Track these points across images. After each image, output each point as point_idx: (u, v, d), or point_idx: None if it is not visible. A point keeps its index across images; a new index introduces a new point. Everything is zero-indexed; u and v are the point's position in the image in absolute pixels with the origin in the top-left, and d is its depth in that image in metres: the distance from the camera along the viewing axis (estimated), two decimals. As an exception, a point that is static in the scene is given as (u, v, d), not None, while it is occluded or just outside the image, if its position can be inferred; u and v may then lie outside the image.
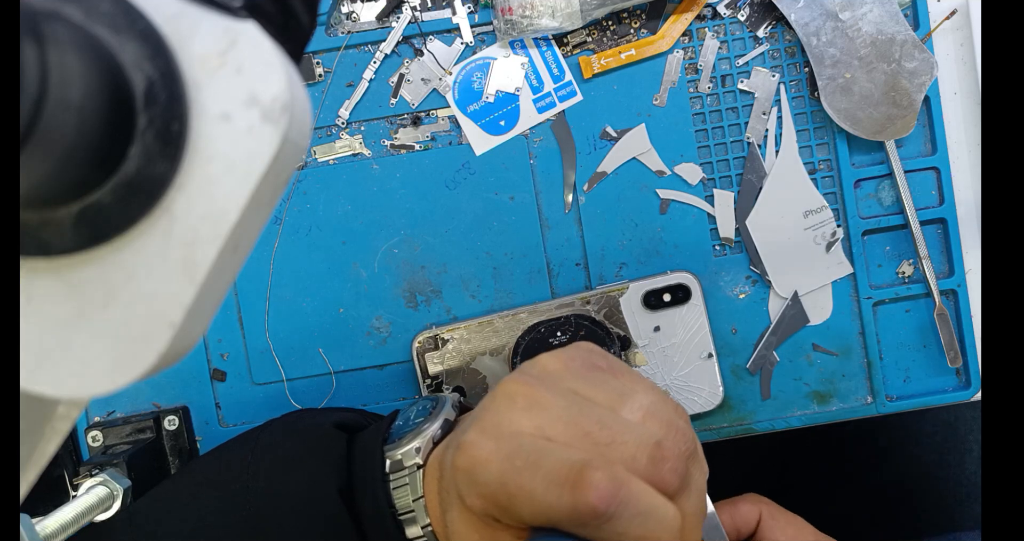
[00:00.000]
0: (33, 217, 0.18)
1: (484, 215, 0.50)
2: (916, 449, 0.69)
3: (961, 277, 0.50)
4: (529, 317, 0.49)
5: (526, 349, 0.48)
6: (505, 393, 0.31)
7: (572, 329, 0.48)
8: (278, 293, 0.51)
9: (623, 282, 0.49)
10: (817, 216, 0.50)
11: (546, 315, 0.49)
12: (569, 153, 0.50)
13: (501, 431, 0.29)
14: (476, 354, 0.49)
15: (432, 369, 0.49)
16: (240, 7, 0.20)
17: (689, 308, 0.48)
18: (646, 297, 0.49)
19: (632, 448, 0.28)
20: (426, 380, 0.49)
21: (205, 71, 0.19)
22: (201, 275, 0.19)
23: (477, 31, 0.49)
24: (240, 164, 0.19)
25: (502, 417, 0.30)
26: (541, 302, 0.49)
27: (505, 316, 0.49)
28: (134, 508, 0.41)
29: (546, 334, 0.49)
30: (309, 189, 0.50)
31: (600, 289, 0.49)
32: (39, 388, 0.19)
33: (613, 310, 0.49)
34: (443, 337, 0.49)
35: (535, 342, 0.48)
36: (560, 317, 0.49)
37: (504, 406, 0.30)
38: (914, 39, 0.47)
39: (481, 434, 0.29)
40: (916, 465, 0.66)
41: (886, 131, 0.48)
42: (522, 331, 0.49)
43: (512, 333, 0.49)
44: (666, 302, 0.48)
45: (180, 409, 0.51)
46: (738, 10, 0.49)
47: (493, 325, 0.49)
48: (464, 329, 0.49)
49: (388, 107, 0.50)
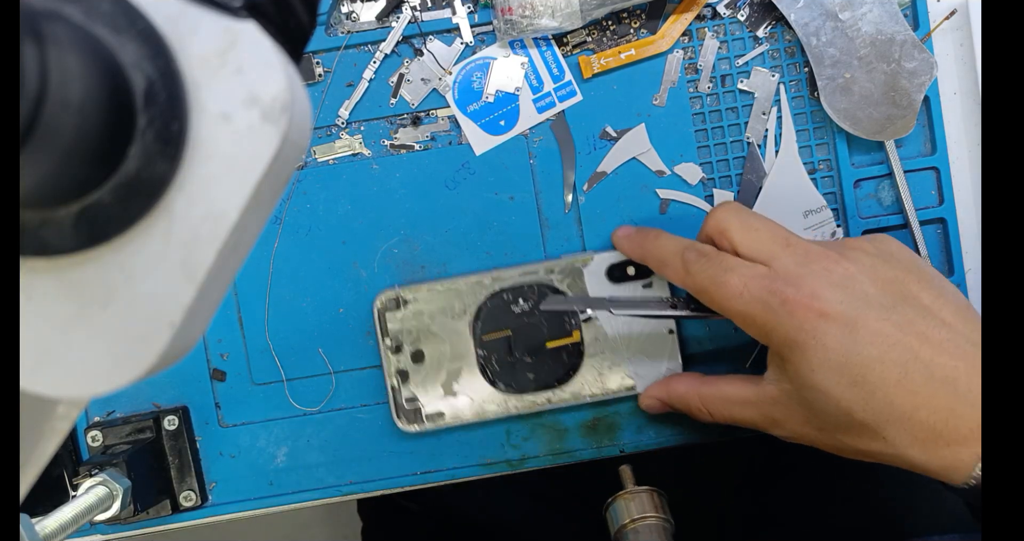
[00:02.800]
0: (33, 217, 0.18)
1: (484, 215, 0.50)
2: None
3: (961, 277, 0.50)
4: (493, 283, 0.49)
5: (487, 314, 0.49)
6: None
7: (535, 297, 0.48)
8: (278, 293, 0.51)
9: (588, 253, 0.49)
10: (817, 216, 0.50)
11: (509, 282, 0.49)
12: (569, 153, 0.50)
13: None
14: (437, 316, 0.49)
15: (392, 327, 0.49)
16: (240, 7, 0.20)
17: (653, 283, 0.48)
18: (610, 270, 0.48)
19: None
20: (386, 340, 0.49)
21: (205, 71, 0.19)
22: (201, 275, 0.19)
23: (477, 31, 0.49)
24: (240, 164, 0.19)
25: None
26: (504, 268, 0.49)
27: (469, 280, 0.49)
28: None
29: (509, 301, 0.49)
30: (309, 189, 0.50)
31: (565, 258, 0.49)
32: (39, 388, 0.19)
33: (576, 280, 0.49)
34: (405, 297, 0.49)
35: (497, 308, 0.49)
36: (523, 285, 0.49)
37: None
38: (914, 39, 0.47)
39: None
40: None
41: (886, 131, 0.48)
42: (485, 296, 0.49)
43: (474, 297, 0.49)
44: (630, 275, 0.48)
45: (180, 409, 0.51)
46: (738, 10, 0.49)
47: (456, 288, 0.49)
48: (427, 290, 0.49)
49: (388, 107, 0.50)
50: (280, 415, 0.51)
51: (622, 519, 0.44)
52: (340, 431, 0.51)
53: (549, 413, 0.51)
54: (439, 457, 0.51)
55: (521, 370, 0.49)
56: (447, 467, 0.51)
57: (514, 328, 0.49)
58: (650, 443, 0.51)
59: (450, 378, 0.49)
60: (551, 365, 0.49)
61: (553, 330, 0.49)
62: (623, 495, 0.45)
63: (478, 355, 0.49)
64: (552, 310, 0.47)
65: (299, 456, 0.51)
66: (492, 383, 0.49)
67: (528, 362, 0.49)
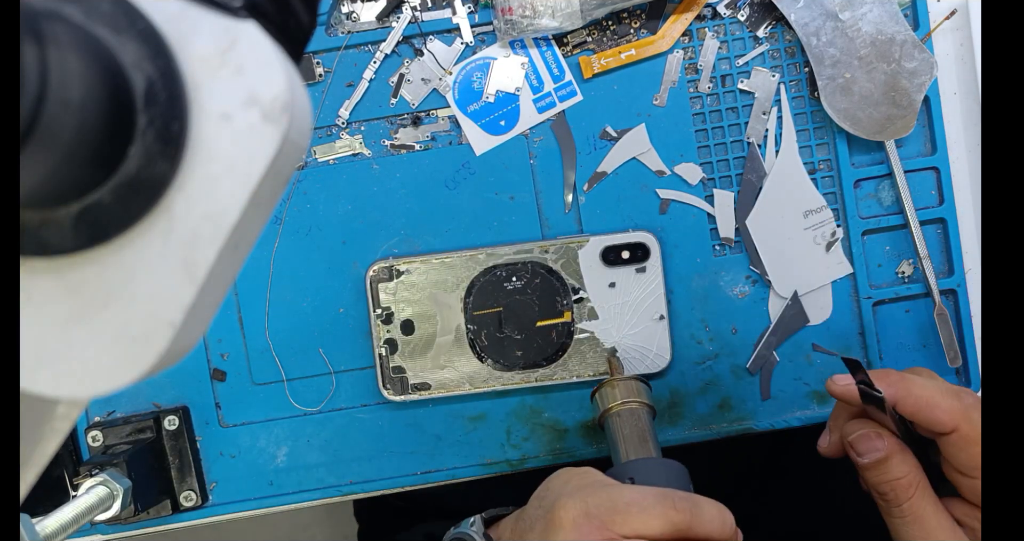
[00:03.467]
0: (33, 217, 0.18)
1: (484, 215, 0.50)
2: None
3: (961, 277, 0.50)
4: (487, 259, 0.49)
5: (480, 290, 0.49)
6: None
7: (528, 275, 0.49)
8: (278, 293, 0.51)
9: (584, 235, 0.49)
10: (817, 216, 0.50)
11: (504, 259, 0.49)
12: (569, 153, 0.50)
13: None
14: (429, 289, 0.49)
15: (383, 299, 0.49)
16: (240, 7, 0.20)
17: (647, 268, 0.49)
18: (605, 252, 0.49)
19: None
20: (376, 310, 0.49)
21: (205, 71, 0.19)
22: (201, 275, 0.19)
23: (477, 31, 0.49)
24: (240, 164, 0.19)
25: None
26: (500, 245, 0.49)
27: (463, 255, 0.49)
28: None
29: (502, 278, 0.49)
30: (309, 189, 0.50)
31: (561, 239, 0.49)
32: (39, 388, 0.19)
33: (571, 261, 0.49)
34: (398, 268, 0.49)
35: (490, 284, 0.49)
36: (517, 262, 0.49)
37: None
38: (914, 39, 0.47)
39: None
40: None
41: (886, 131, 0.48)
42: (478, 272, 0.49)
43: (468, 272, 0.49)
44: (624, 259, 0.49)
45: (180, 409, 0.51)
46: (738, 10, 0.49)
47: (449, 262, 0.49)
48: (420, 263, 0.49)
49: (388, 107, 0.50)
50: (280, 415, 0.51)
51: (607, 403, 0.45)
52: (340, 431, 0.51)
53: (546, 413, 0.51)
54: (439, 457, 0.51)
55: (510, 347, 0.49)
56: (447, 467, 0.51)
57: (505, 305, 0.49)
58: (650, 443, 0.51)
59: (438, 351, 0.49)
60: (540, 344, 0.49)
61: (545, 309, 0.49)
62: (609, 382, 0.46)
63: (468, 329, 0.49)
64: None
65: (299, 456, 0.51)
66: (480, 358, 0.49)
67: (517, 339, 0.49)
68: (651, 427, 0.44)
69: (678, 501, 0.35)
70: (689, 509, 0.35)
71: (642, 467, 0.41)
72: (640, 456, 0.42)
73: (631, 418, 0.44)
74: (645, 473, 0.40)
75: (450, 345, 0.49)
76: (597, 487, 0.36)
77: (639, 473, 0.41)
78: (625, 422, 0.44)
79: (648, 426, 0.44)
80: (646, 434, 0.44)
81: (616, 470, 0.42)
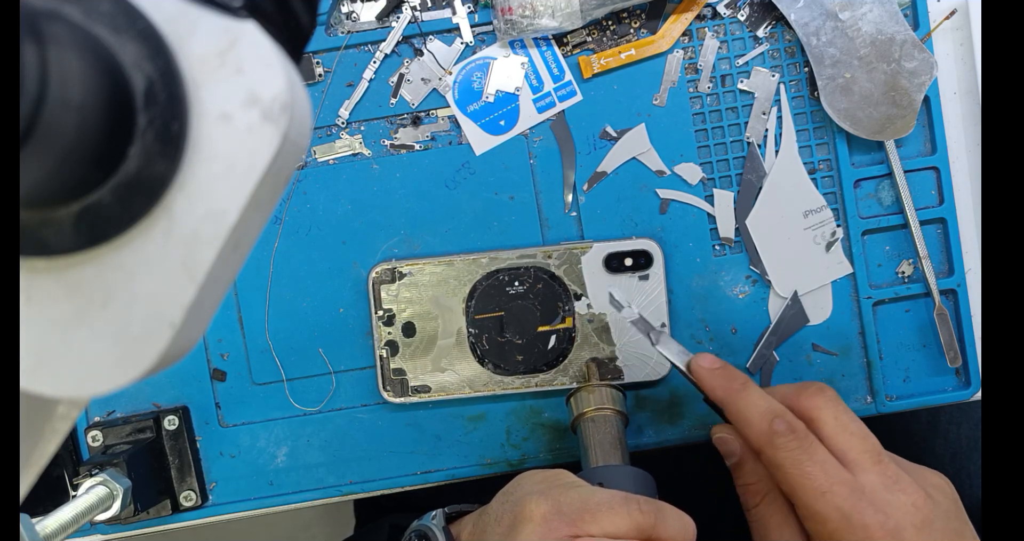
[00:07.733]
0: (33, 217, 0.18)
1: (484, 215, 0.50)
2: (915, 448, 0.69)
3: (961, 277, 0.50)
4: (489, 263, 0.49)
5: (482, 293, 0.49)
6: None
7: (530, 280, 0.49)
8: (278, 293, 0.51)
9: (587, 241, 0.49)
10: (817, 216, 0.50)
11: (506, 263, 0.49)
12: (569, 153, 0.50)
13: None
14: (431, 292, 0.49)
15: (386, 301, 0.49)
16: (240, 7, 0.20)
17: (649, 276, 0.49)
18: (608, 259, 0.49)
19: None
20: (378, 312, 0.49)
21: (205, 71, 0.19)
22: (201, 275, 0.19)
23: (477, 31, 0.49)
24: (240, 164, 0.19)
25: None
26: (503, 250, 0.49)
27: (466, 259, 0.49)
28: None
29: (504, 282, 0.49)
30: (309, 189, 0.50)
31: (564, 244, 0.49)
32: (39, 388, 0.19)
33: (573, 267, 0.49)
34: (401, 270, 0.49)
35: (492, 288, 0.49)
36: (520, 267, 0.49)
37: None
38: (914, 39, 0.47)
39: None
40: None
41: (886, 131, 0.48)
42: (481, 276, 0.49)
43: (470, 276, 0.49)
44: (627, 266, 0.49)
45: (180, 409, 0.51)
46: (738, 10, 0.49)
47: (452, 265, 0.49)
48: (424, 265, 0.49)
49: (388, 107, 0.50)
50: (280, 415, 0.51)
51: (581, 408, 0.46)
52: (340, 431, 0.51)
53: (546, 413, 0.51)
54: (439, 457, 0.51)
55: (510, 351, 0.49)
56: (447, 467, 0.51)
57: (507, 309, 0.49)
58: (649, 443, 0.51)
59: (439, 354, 0.49)
60: (541, 349, 0.49)
61: (546, 315, 0.49)
62: (585, 387, 0.47)
63: (469, 333, 0.49)
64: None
65: (299, 456, 0.51)
66: (480, 362, 0.49)
67: (518, 344, 0.49)
68: (623, 435, 0.45)
69: (644, 505, 0.36)
70: (654, 513, 0.36)
71: (611, 473, 0.42)
72: (610, 462, 0.43)
73: (604, 424, 0.45)
74: (614, 479, 0.42)
75: (451, 348, 0.49)
76: (568, 487, 0.38)
77: (608, 478, 0.42)
78: (598, 428, 0.45)
79: (620, 434, 0.45)
80: (617, 441, 0.44)
81: (586, 473, 0.43)
